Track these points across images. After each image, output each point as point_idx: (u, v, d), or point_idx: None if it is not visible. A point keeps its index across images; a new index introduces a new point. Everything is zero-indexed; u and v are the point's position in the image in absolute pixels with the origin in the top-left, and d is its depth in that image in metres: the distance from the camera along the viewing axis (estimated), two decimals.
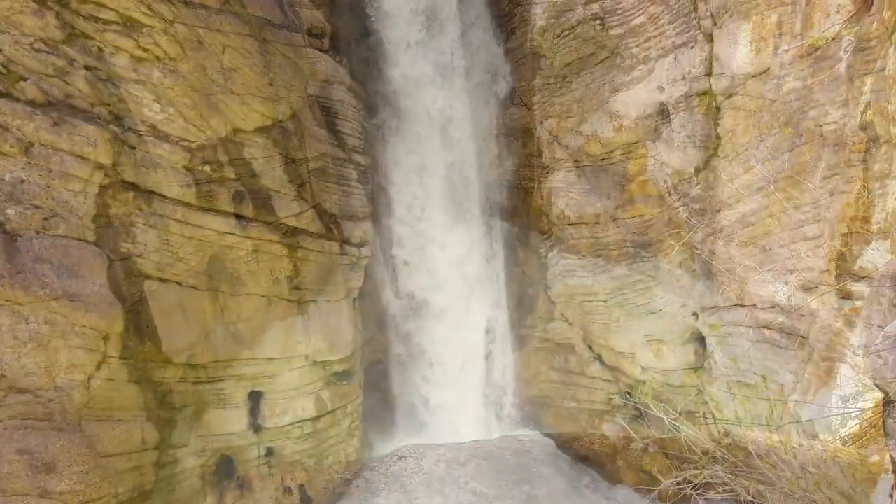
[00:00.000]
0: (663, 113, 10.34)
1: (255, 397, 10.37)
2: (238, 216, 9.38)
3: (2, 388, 6.63)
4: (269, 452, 10.57)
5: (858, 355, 6.44)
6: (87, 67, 7.45)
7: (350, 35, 15.34)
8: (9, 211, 6.90)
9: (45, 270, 7.01)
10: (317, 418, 11.08)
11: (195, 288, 8.89)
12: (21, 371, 6.83)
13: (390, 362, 14.93)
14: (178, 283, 8.59)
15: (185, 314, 8.65)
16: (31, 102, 7.18)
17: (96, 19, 7.33)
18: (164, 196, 8.33)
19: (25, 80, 7.16)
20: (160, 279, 8.35)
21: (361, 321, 13.39)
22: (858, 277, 6.77)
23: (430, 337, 14.89)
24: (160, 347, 8.20)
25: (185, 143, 8.50)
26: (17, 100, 7.10)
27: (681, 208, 10.17)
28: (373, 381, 14.39)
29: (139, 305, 8.03)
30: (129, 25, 7.52)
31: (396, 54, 14.99)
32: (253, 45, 9.51)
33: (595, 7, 10.96)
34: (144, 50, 7.67)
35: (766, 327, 8.59)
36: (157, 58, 7.80)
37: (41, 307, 6.98)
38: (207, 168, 8.90)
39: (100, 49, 7.49)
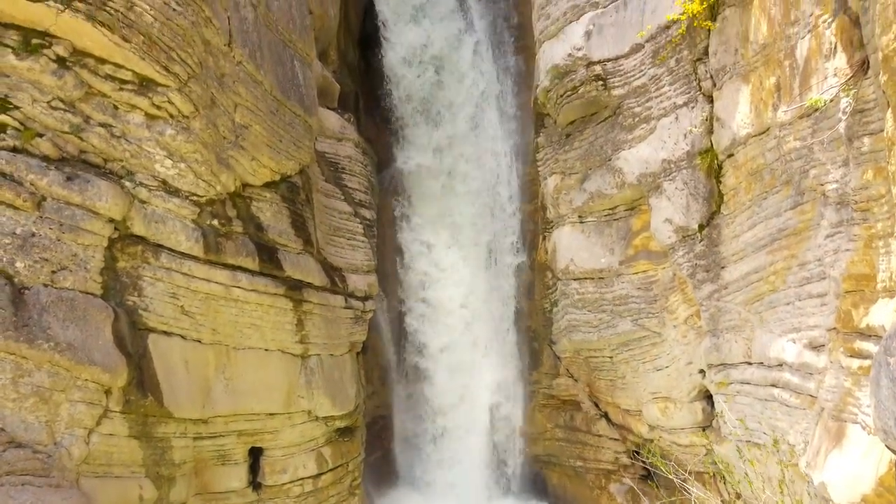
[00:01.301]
0: (666, 170, 10.48)
1: (255, 453, 10.22)
2: (244, 270, 9.45)
3: (1, 443, 6.56)
4: None
5: (869, 415, 6.34)
6: (101, 124, 7.64)
7: (366, 97, 15.79)
8: (18, 264, 6.97)
9: (51, 323, 7.02)
10: (317, 476, 10.88)
11: (199, 341, 8.88)
12: (21, 426, 6.77)
13: (393, 418, 14.75)
14: (182, 336, 8.59)
15: (187, 368, 8.62)
16: (46, 158, 7.34)
17: (113, 79, 7.55)
18: (171, 250, 8.41)
19: (41, 136, 7.33)
20: (164, 332, 8.35)
21: (364, 376, 13.29)
22: (866, 336, 6.72)
23: (433, 393, 14.76)
24: (161, 402, 8.13)
25: (195, 198, 8.63)
26: (32, 155, 7.27)
27: (685, 265, 10.19)
28: (375, 437, 14.19)
29: (142, 359, 8.00)
30: (145, 85, 7.74)
31: (409, 121, 15.41)
32: (264, 103, 9.75)
33: (597, 68, 11.24)
34: (158, 108, 7.87)
35: (774, 386, 8.49)
36: (171, 115, 8.00)
37: (45, 360, 6.97)
38: (216, 222, 9.01)
39: (115, 107, 7.69)
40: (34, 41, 7.11)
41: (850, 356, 6.88)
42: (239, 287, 9.32)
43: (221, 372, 9.20)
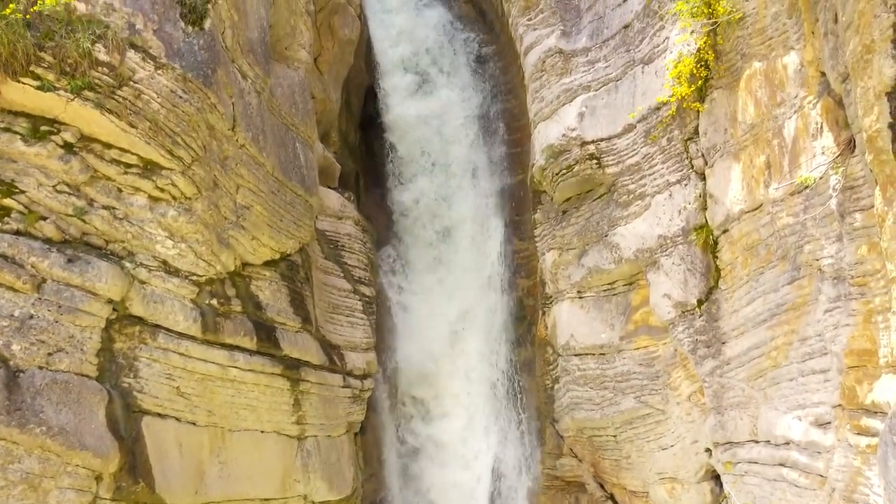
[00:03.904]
0: (662, 246, 10.57)
1: None
2: (242, 349, 9.37)
3: None
4: None
5: (881, 496, 6.16)
6: (105, 207, 7.77)
7: (366, 174, 16.11)
8: (14, 347, 6.94)
9: (44, 407, 6.93)
10: None
11: (193, 423, 8.72)
12: None
13: (392, 502, 14.29)
14: (176, 418, 8.44)
15: (181, 452, 8.42)
16: (48, 240, 7.43)
17: (119, 163, 7.75)
18: (169, 330, 8.38)
19: (45, 219, 7.45)
20: (159, 415, 8.22)
21: (363, 457, 12.97)
22: (872, 413, 6.62)
23: (433, 475, 14.36)
24: (153, 488, 7.91)
25: (195, 278, 8.68)
26: (35, 238, 7.36)
27: (686, 340, 10.12)
28: None
29: (135, 443, 7.84)
30: (150, 168, 7.93)
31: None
32: (266, 184, 9.94)
33: (591, 148, 11.52)
34: (162, 190, 8.04)
35: (782, 465, 8.27)
36: (174, 197, 8.15)
37: (36, 445, 6.83)
38: (214, 301, 9.01)
39: (119, 190, 7.85)
40: (42, 128, 7.33)
41: (858, 434, 6.75)
42: (236, 367, 9.23)
43: (216, 455, 8.98)
